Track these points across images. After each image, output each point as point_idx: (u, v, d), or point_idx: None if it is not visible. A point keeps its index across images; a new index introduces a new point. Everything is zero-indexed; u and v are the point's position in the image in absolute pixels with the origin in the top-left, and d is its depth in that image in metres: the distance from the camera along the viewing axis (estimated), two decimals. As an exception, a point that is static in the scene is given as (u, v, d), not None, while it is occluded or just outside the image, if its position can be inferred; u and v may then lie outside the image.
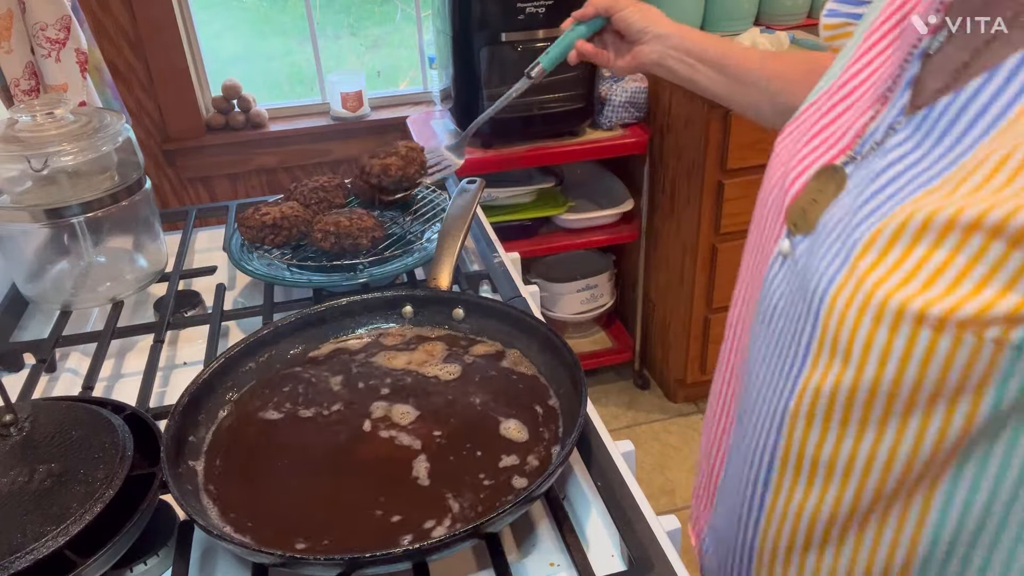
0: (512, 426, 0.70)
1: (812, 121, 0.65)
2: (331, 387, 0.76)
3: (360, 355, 0.80)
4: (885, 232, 0.50)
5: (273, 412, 0.73)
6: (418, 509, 0.61)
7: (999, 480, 0.50)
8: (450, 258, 0.89)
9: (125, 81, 2.08)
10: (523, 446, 0.67)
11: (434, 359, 0.79)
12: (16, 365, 0.90)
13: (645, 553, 0.58)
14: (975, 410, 0.49)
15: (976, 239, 0.46)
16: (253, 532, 0.60)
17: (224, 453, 0.68)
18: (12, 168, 0.88)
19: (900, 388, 0.50)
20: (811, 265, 0.56)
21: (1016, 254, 0.45)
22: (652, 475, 2.12)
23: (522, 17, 1.83)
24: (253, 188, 2.31)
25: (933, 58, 0.56)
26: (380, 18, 2.48)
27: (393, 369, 0.78)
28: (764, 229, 0.66)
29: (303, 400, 0.74)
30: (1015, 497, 0.50)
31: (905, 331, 0.49)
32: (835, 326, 0.52)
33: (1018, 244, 0.45)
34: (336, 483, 0.65)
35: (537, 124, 1.99)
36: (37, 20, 1.44)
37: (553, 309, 2.35)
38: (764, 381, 0.61)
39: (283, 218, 0.95)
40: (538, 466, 0.65)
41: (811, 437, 0.56)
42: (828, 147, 0.61)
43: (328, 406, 0.73)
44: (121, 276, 0.99)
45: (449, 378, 0.76)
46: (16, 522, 0.55)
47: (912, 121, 0.54)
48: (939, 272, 0.48)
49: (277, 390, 0.75)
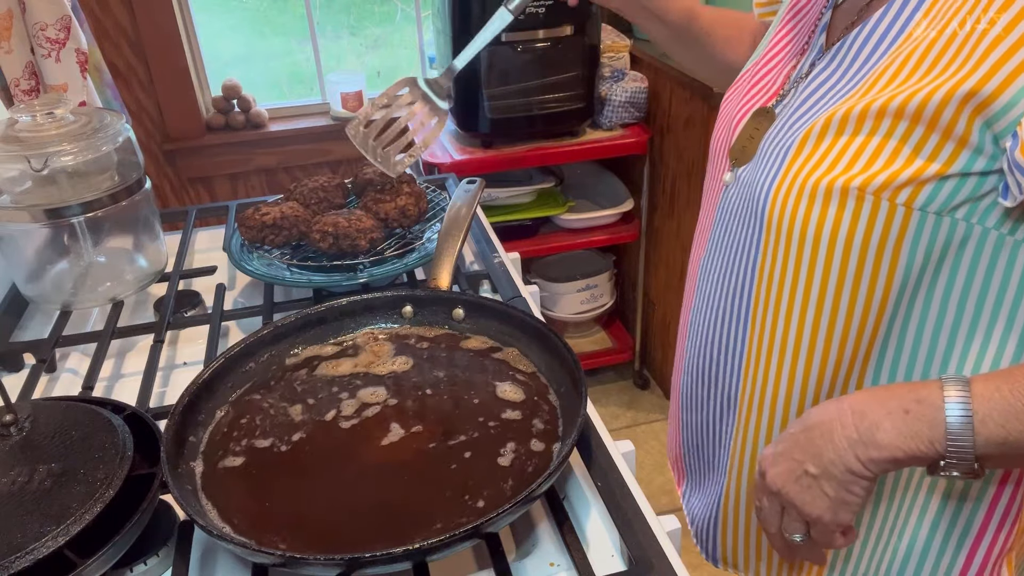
0: (507, 388, 0.73)
1: (748, 78, 0.78)
2: (291, 417, 0.72)
3: (302, 371, 0.78)
4: (812, 133, 0.63)
5: (234, 459, 0.68)
6: (427, 503, 0.61)
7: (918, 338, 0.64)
8: (450, 258, 0.89)
9: (125, 81, 2.08)
10: (522, 404, 0.71)
11: (381, 358, 0.79)
12: (16, 365, 0.90)
13: (645, 553, 0.58)
14: (893, 268, 0.61)
15: (886, 122, 0.58)
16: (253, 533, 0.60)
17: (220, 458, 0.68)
18: (12, 168, 0.88)
19: (834, 259, 0.63)
20: (753, 180, 0.68)
21: (918, 129, 0.57)
22: (652, 475, 2.12)
23: (522, 17, 1.82)
24: (253, 188, 2.31)
25: (841, 6, 0.70)
26: (380, 18, 2.48)
27: (340, 376, 0.77)
28: (713, 173, 0.79)
29: (260, 433, 0.71)
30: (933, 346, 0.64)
31: (834, 205, 0.61)
32: (777, 217, 0.64)
33: (919, 121, 0.57)
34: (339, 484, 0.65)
35: (537, 124, 1.99)
36: (37, 20, 1.44)
37: (553, 309, 2.35)
38: (722, 284, 0.74)
39: (283, 218, 0.95)
40: (545, 428, 0.68)
41: (768, 319, 0.69)
42: (763, 94, 0.74)
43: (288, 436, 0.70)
44: (121, 276, 0.99)
45: (405, 368, 0.77)
46: (16, 522, 0.55)
47: (826, 56, 0.67)
48: (858, 154, 0.60)
49: (230, 435, 0.71)
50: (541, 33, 1.85)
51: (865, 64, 0.62)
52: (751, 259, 0.69)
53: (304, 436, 0.70)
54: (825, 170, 0.61)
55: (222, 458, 0.68)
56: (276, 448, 0.69)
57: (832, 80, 0.65)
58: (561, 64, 1.92)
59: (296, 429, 0.71)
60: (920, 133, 0.57)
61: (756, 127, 0.71)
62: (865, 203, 0.59)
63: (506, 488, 0.62)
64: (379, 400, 0.74)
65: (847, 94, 0.62)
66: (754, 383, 0.72)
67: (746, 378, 0.73)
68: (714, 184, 0.78)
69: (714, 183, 0.78)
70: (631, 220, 2.25)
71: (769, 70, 0.76)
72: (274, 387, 0.76)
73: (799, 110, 0.66)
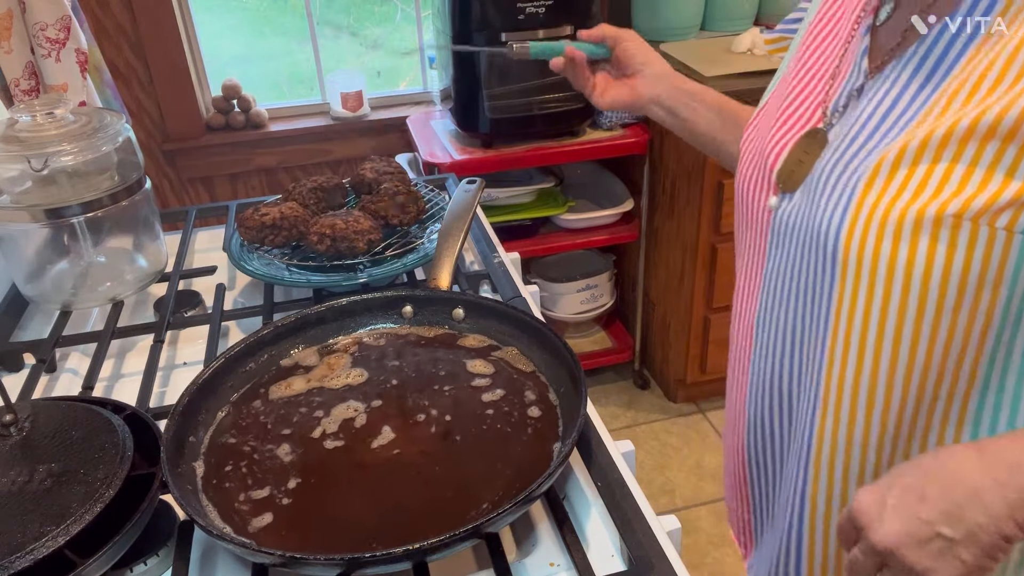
0: (477, 364, 0.77)
1: (775, 109, 0.72)
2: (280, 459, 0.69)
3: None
4: (886, 162, 0.56)
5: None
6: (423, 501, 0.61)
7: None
8: (450, 258, 0.89)
9: (125, 81, 2.08)
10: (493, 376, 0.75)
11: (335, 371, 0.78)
12: (16, 365, 0.90)
13: (645, 553, 0.58)
14: (995, 300, 0.54)
15: (972, 145, 0.53)
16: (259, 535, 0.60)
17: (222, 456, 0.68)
18: (12, 168, 0.88)
19: (927, 294, 0.56)
20: (814, 212, 0.62)
21: (1010, 148, 0.51)
22: (652, 475, 2.12)
23: (522, 17, 1.83)
24: (253, 188, 2.31)
25: (880, 29, 0.64)
26: (380, 18, 2.48)
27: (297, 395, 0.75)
28: (748, 211, 0.72)
29: (254, 484, 0.66)
30: None
31: (925, 238, 0.54)
32: (856, 253, 0.57)
33: (1012, 139, 0.51)
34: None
35: (537, 124, 1.99)
36: (37, 20, 1.44)
37: (553, 309, 2.35)
38: (789, 331, 0.67)
39: (282, 218, 0.95)
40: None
41: (850, 365, 0.61)
42: (800, 123, 0.68)
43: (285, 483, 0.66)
44: (121, 276, 0.99)
45: (359, 381, 0.76)
46: (16, 522, 0.55)
47: (878, 79, 0.62)
48: (945, 180, 0.54)
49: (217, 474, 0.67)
50: (541, 33, 1.85)
51: (928, 82, 0.57)
52: (823, 301, 0.62)
53: (297, 457, 0.68)
54: (910, 199, 0.55)
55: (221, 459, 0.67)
56: (275, 494, 0.65)
57: (888, 102, 0.60)
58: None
59: (288, 469, 0.67)
60: (1013, 154, 0.52)
61: (806, 151, 0.65)
62: (962, 230, 0.53)
63: (506, 488, 0.62)
64: (358, 411, 0.73)
65: (915, 116, 0.57)
66: (834, 433, 0.64)
67: (823, 427, 0.65)
68: (753, 219, 0.71)
69: (753, 219, 0.71)
70: (631, 220, 2.25)
71: (802, 101, 0.70)
72: (248, 428, 0.71)
73: (859, 136, 0.61)
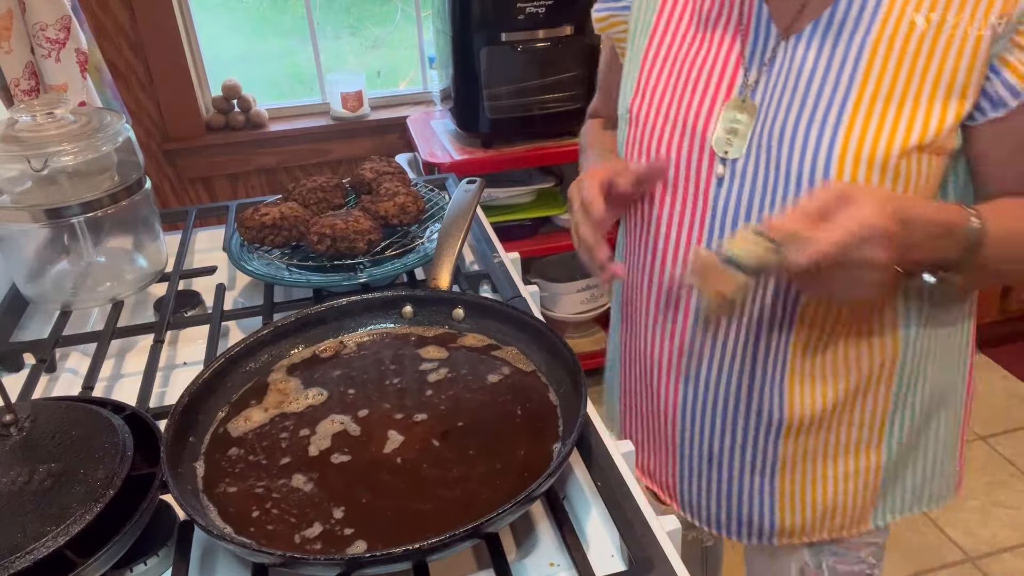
0: (431, 349, 0.79)
1: (672, 80, 0.78)
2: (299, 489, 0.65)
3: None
4: (860, 107, 0.67)
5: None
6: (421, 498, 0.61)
7: None
8: (450, 258, 0.89)
9: (125, 81, 2.08)
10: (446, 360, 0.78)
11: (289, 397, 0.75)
12: (16, 365, 0.90)
13: (645, 553, 0.58)
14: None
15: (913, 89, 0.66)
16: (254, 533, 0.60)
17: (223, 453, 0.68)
18: (12, 168, 0.88)
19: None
20: (779, 170, 0.70)
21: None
22: (652, 475, 2.11)
23: (522, 17, 1.83)
24: (253, 188, 2.31)
25: None
26: (380, 18, 2.48)
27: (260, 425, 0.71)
28: (683, 175, 0.77)
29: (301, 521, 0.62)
30: None
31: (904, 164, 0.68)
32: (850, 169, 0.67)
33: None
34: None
35: (537, 124, 1.99)
36: (37, 20, 1.44)
37: (553, 309, 2.35)
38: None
39: (282, 218, 0.95)
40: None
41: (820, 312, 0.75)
42: (713, 89, 0.75)
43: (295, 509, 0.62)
44: (121, 276, 0.99)
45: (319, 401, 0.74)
46: (16, 522, 0.55)
47: (799, 38, 0.70)
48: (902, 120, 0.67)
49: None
50: (541, 33, 1.85)
51: (853, 38, 0.68)
52: None
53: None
54: (888, 136, 0.67)
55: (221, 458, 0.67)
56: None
57: (817, 61, 0.69)
58: (561, 64, 1.92)
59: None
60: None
61: (733, 119, 0.73)
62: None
63: (506, 488, 0.62)
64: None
65: (852, 73, 0.68)
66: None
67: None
68: (689, 184, 0.77)
69: (689, 182, 0.77)
70: (631, 220, 2.25)
71: (703, 67, 0.76)
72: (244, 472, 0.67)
73: (795, 98, 0.70)
